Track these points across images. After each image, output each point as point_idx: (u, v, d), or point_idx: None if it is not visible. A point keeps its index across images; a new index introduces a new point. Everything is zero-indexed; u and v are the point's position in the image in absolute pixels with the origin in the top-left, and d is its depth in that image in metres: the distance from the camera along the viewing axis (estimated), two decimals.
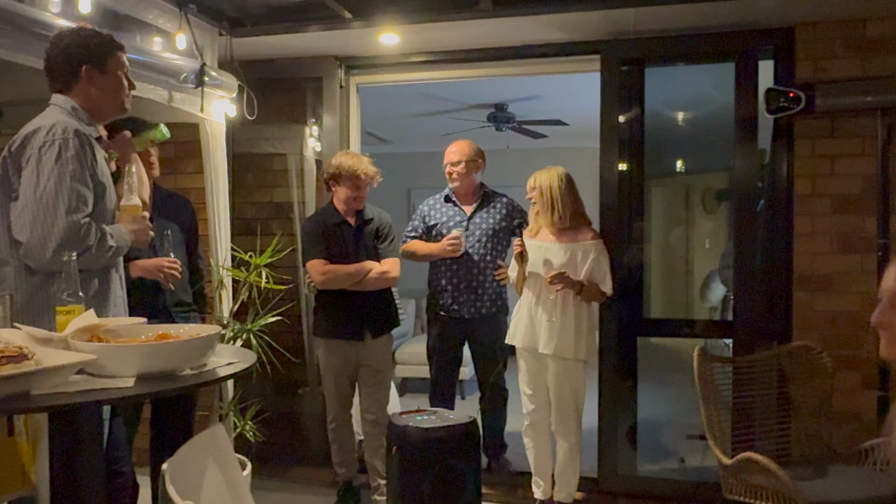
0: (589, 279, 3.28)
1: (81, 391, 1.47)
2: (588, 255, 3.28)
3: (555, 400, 3.35)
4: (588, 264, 3.28)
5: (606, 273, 3.30)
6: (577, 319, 3.28)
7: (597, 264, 3.29)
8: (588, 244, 3.30)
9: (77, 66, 2.08)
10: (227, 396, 3.52)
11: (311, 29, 3.53)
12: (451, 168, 3.78)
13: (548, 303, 3.30)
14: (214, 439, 1.70)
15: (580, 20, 3.41)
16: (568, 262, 3.28)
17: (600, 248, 3.32)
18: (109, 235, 2.06)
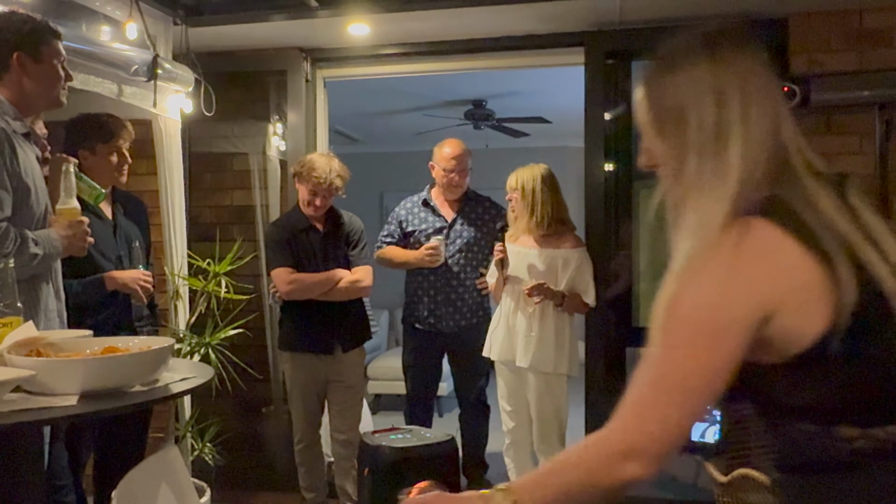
0: (570, 290, 3.27)
1: (18, 411, 1.42)
2: (570, 263, 3.28)
3: (536, 417, 3.33)
4: (570, 274, 3.27)
5: (589, 283, 3.29)
6: (558, 331, 3.27)
7: (579, 274, 3.29)
8: (570, 252, 3.29)
9: (7, 54, 2.03)
10: (183, 416, 3.47)
11: (274, 18, 3.50)
12: (450, 175, 3.69)
13: (526, 313, 3.29)
14: (168, 462, 1.66)
15: (563, 10, 3.42)
16: (548, 270, 3.27)
17: (583, 256, 3.31)
18: (33, 241, 2.00)
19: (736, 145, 1.03)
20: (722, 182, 1.02)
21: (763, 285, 0.96)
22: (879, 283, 0.95)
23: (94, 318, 2.57)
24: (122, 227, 2.93)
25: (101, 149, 2.83)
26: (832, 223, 0.97)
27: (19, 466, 1.58)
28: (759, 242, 0.97)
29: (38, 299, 2.08)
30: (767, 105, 1.05)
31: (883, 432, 0.94)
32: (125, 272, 2.83)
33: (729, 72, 1.06)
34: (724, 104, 1.04)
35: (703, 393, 0.97)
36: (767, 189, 1.01)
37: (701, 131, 1.05)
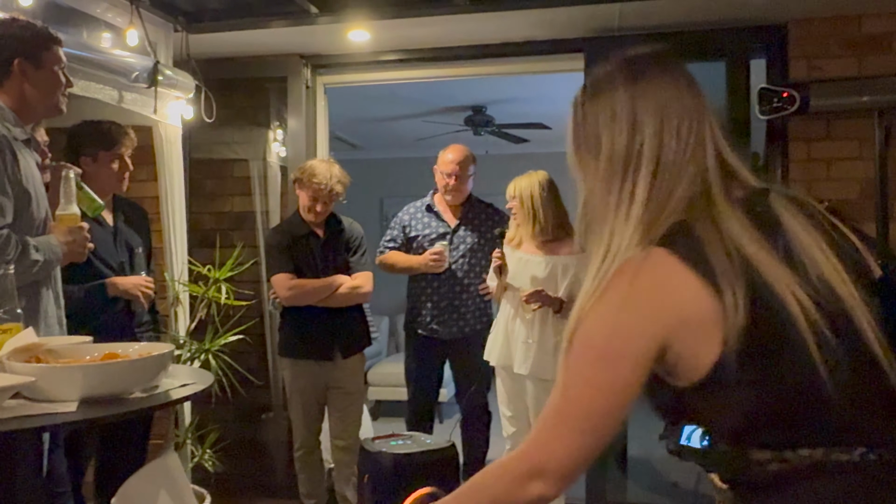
0: (570, 296, 3.27)
1: (18, 417, 1.42)
2: (569, 270, 3.27)
3: (535, 423, 3.32)
4: (568, 280, 3.27)
5: None
6: (558, 337, 3.27)
7: (577, 280, 3.28)
8: (569, 259, 3.29)
9: (8, 60, 2.03)
10: (183, 423, 3.46)
11: (274, 25, 3.51)
12: (448, 179, 3.70)
13: (525, 319, 3.28)
14: (167, 469, 1.66)
15: (562, 17, 3.43)
16: (548, 276, 3.27)
17: (582, 262, 3.31)
18: (34, 248, 2.00)
19: (646, 173, 1.04)
20: (628, 210, 1.04)
21: (654, 316, 0.97)
22: (782, 304, 0.93)
23: (94, 323, 2.57)
24: (122, 234, 2.94)
25: (102, 156, 2.83)
26: (736, 246, 0.96)
27: (18, 473, 1.58)
28: (654, 272, 0.98)
29: (39, 305, 2.08)
30: (686, 130, 1.05)
31: (794, 455, 0.94)
32: (126, 278, 2.83)
33: (645, 98, 1.06)
34: (637, 131, 1.05)
35: (603, 417, 1.00)
36: (681, 215, 1.02)
37: (612, 158, 1.07)
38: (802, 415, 0.94)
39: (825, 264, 0.97)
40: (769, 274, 0.94)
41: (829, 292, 0.96)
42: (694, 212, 1.01)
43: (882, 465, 0.93)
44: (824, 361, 0.92)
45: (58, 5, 2.81)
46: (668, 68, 1.10)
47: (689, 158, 1.05)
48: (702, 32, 3.52)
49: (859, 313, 0.95)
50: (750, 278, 0.94)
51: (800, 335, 0.92)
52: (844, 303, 0.96)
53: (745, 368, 0.94)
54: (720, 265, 0.95)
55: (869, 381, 0.95)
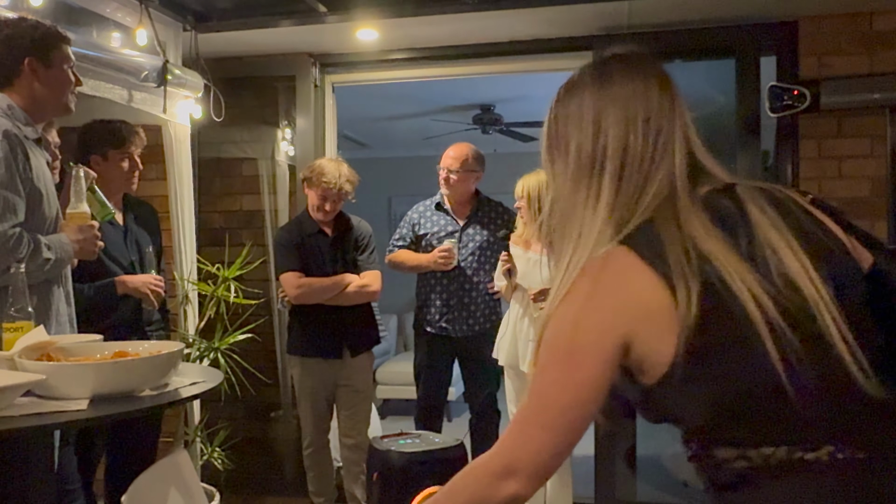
0: None
1: (30, 415, 1.43)
2: None
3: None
4: None
5: None
6: None
7: None
8: None
9: (19, 59, 2.04)
10: (192, 421, 3.47)
11: (283, 24, 3.52)
12: (448, 174, 3.72)
13: (535, 319, 3.28)
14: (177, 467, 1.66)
15: (571, 14, 3.42)
16: None
17: None
18: (46, 246, 2.02)
19: (610, 174, 1.05)
20: (593, 211, 1.05)
21: (616, 312, 0.98)
22: (737, 301, 0.93)
23: (104, 322, 2.59)
24: (133, 233, 2.95)
25: (113, 155, 2.85)
26: (694, 244, 0.96)
27: (30, 470, 1.59)
28: (614, 269, 0.99)
29: (50, 304, 2.09)
30: (653, 131, 1.05)
31: (757, 454, 0.94)
32: (136, 276, 2.85)
33: (609, 99, 1.07)
34: (602, 132, 1.06)
35: (571, 414, 1.00)
36: (648, 214, 1.03)
37: (578, 161, 1.08)
38: (761, 413, 0.94)
39: (790, 260, 0.96)
40: (726, 271, 0.94)
41: (791, 289, 0.94)
42: (659, 212, 1.02)
43: (850, 465, 0.92)
44: (781, 359, 0.91)
45: (68, 5, 2.82)
46: (636, 69, 1.10)
47: (658, 159, 1.05)
48: (711, 30, 3.51)
49: (823, 310, 0.93)
50: (706, 275, 0.94)
51: (755, 332, 0.92)
52: (807, 300, 0.94)
53: (701, 365, 0.94)
54: (675, 262, 0.95)
55: (833, 380, 0.93)
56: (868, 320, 0.98)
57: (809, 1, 3.27)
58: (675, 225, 0.99)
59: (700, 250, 0.96)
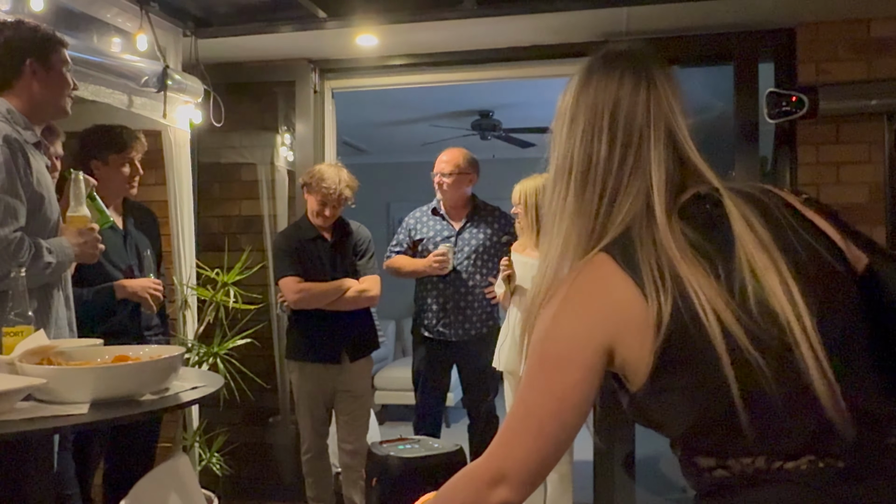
0: None
1: (30, 419, 1.43)
2: None
3: None
4: None
5: None
6: None
7: None
8: None
9: (20, 61, 2.05)
10: (191, 426, 3.47)
11: (282, 29, 3.53)
12: (441, 178, 3.75)
13: None
14: (177, 471, 1.66)
15: (570, 21, 3.43)
16: None
17: None
18: (47, 250, 2.02)
19: (576, 181, 1.04)
20: (567, 216, 1.05)
21: (596, 320, 0.98)
22: (698, 318, 0.92)
23: (103, 326, 2.59)
24: (132, 237, 2.95)
25: (113, 160, 2.85)
26: (668, 257, 0.95)
27: (30, 474, 1.59)
28: (596, 277, 0.99)
29: (50, 307, 2.10)
30: (623, 135, 1.03)
31: (736, 463, 0.94)
32: (135, 280, 2.85)
33: (584, 102, 1.05)
34: (573, 136, 1.05)
35: (556, 421, 1.00)
36: (626, 222, 1.01)
37: (555, 163, 1.07)
38: (735, 426, 0.92)
39: (774, 284, 0.93)
40: (697, 298, 0.92)
41: (768, 317, 0.92)
42: (637, 222, 1.01)
43: (829, 474, 0.91)
44: (743, 390, 0.90)
45: (69, 10, 2.83)
46: (616, 68, 1.06)
47: (628, 166, 1.03)
48: (710, 36, 3.52)
49: (795, 325, 0.91)
50: (676, 298, 0.93)
51: (712, 349, 0.91)
52: (784, 329, 0.91)
53: (673, 378, 0.94)
54: (648, 274, 0.94)
55: (807, 406, 0.91)
56: (860, 342, 0.96)
57: (807, 8, 3.29)
58: (651, 241, 0.98)
59: (675, 272, 0.94)
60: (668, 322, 0.92)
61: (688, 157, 1.05)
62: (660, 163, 1.03)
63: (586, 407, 1.00)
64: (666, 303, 0.93)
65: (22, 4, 2.49)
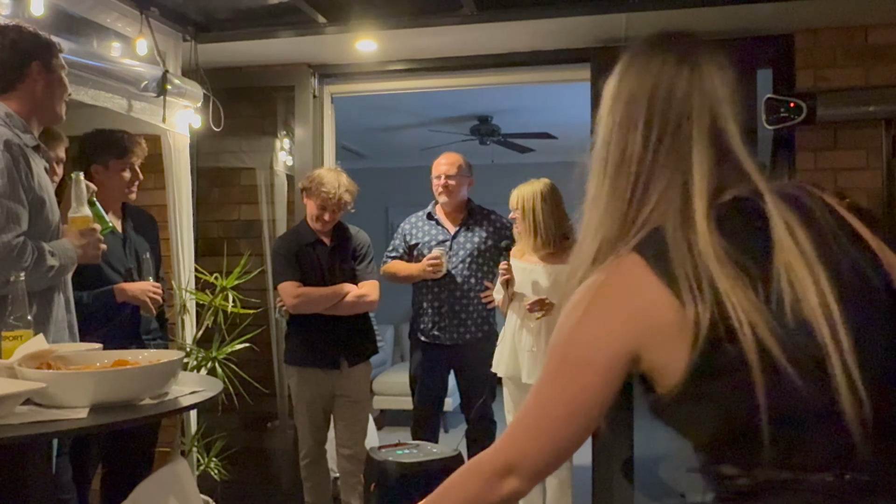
0: None
1: (29, 423, 1.43)
2: None
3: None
4: None
5: None
6: None
7: None
8: None
9: (26, 63, 2.06)
10: (189, 430, 3.46)
11: (282, 34, 3.53)
12: (446, 181, 3.75)
13: (532, 329, 3.28)
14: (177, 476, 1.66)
15: (569, 27, 3.44)
16: (552, 285, 3.28)
17: None
18: (50, 253, 2.03)
19: (611, 173, 1.01)
20: (601, 210, 1.01)
21: (622, 324, 0.95)
22: (733, 328, 0.89)
23: (102, 330, 2.59)
24: (131, 241, 2.96)
25: (114, 164, 2.86)
26: (704, 263, 0.91)
27: (29, 479, 1.58)
28: (625, 279, 0.96)
29: (50, 310, 2.10)
30: (660, 121, 0.99)
31: (762, 473, 0.93)
32: (135, 284, 2.85)
33: (623, 87, 1.02)
34: (610, 122, 1.02)
35: (570, 421, 0.99)
36: (660, 220, 0.97)
37: (594, 153, 1.04)
38: (759, 437, 0.90)
39: (811, 295, 0.90)
40: (729, 299, 0.90)
41: (803, 331, 0.89)
42: (671, 221, 0.96)
43: (854, 486, 0.90)
44: (771, 406, 0.88)
45: (69, 15, 2.83)
46: (659, 52, 1.02)
47: (663, 153, 0.98)
48: (708, 42, 3.53)
49: (830, 342, 0.88)
50: (714, 310, 0.90)
51: (746, 363, 0.89)
52: (814, 331, 0.89)
53: (703, 386, 0.92)
54: (684, 281, 0.91)
55: (832, 408, 0.89)
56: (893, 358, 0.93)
57: (805, 15, 3.30)
58: (686, 245, 0.93)
59: (712, 281, 0.91)
60: (706, 333, 0.90)
61: (732, 151, 0.99)
62: (702, 159, 0.98)
63: (603, 408, 0.99)
64: (704, 312, 0.90)
65: (22, 9, 2.50)
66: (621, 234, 0.99)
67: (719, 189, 0.98)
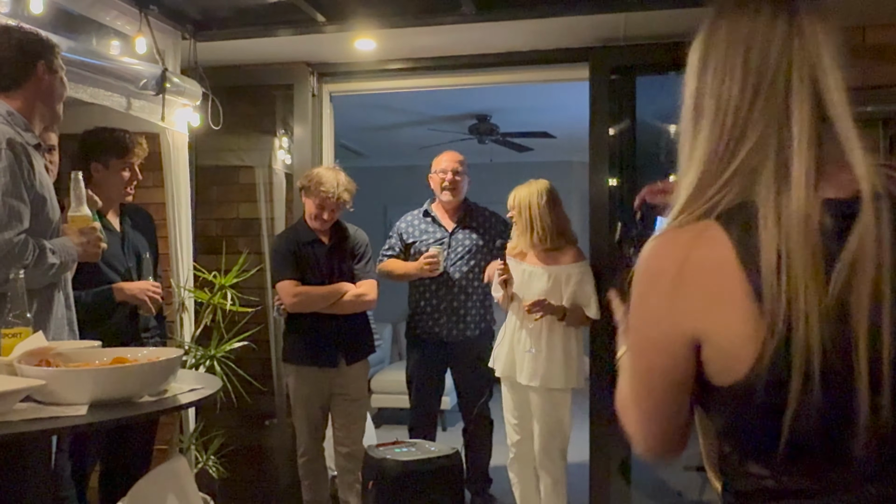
0: (573, 303, 3.28)
1: (28, 420, 1.43)
2: (571, 278, 3.29)
3: (538, 433, 3.33)
4: (571, 288, 3.28)
5: (591, 297, 3.29)
6: (566, 346, 3.28)
7: (580, 288, 3.29)
8: (570, 267, 3.30)
9: (33, 62, 2.08)
10: (187, 428, 3.46)
11: (281, 33, 3.54)
12: (453, 176, 3.76)
13: (532, 330, 3.29)
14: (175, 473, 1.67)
15: (568, 26, 3.45)
16: (552, 286, 3.29)
17: (584, 269, 3.32)
18: (51, 251, 2.05)
19: (707, 122, 0.93)
20: (687, 166, 0.95)
21: (689, 312, 0.90)
22: (794, 334, 0.84)
23: (101, 329, 2.59)
24: (130, 239, 2.96)
25: (114, 164, 2.87)
26: (788, 250, 0.84)
27: (28, 476, 1.59)
28: (705, 262, 0.88)
29: (51, 308, 2.12)
30: (755, 76, 0.90)
31: (790, 480, 0.90)
32: (134, 283, 2.85)
33: (714, 38, 0.95)
34: (702, 74, 0.95)
35: (652, 399, 0.97)
36: (749, 191, 0.89)
37: (685, 107, 0.97)
38: (799, 447, 0.88)
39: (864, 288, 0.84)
40: (798, 297, 0.84)
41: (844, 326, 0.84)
42: (764, 185, 0.88)
43: (878, 499, 0.88)
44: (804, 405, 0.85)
45: (68, 12, 2.84)
46: (752, 2, 0.94)
47: (759, 107, 0.90)
48: None
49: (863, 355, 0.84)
50: (786, 298, 0.84)
51: (790, 374, 0.85)
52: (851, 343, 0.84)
53: (756, 393, 0.88)
54: (768, 275, 0.84)
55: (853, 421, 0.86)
56: None
57: None
58: (776, 220, 0.85)
59: (791, 269, 0.84)
60: (775, 344, 0.84)
61: (832, 122, 0.89)
62: (802, 119, 0.89)
63: (683, 384, 0.94)
64: (777, 307, 0.84)
65: (21, 7, 2.50)
66: (713, 180, 0.91)
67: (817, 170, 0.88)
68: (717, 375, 0.92)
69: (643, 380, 0.98)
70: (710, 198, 0.91)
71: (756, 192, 0.88)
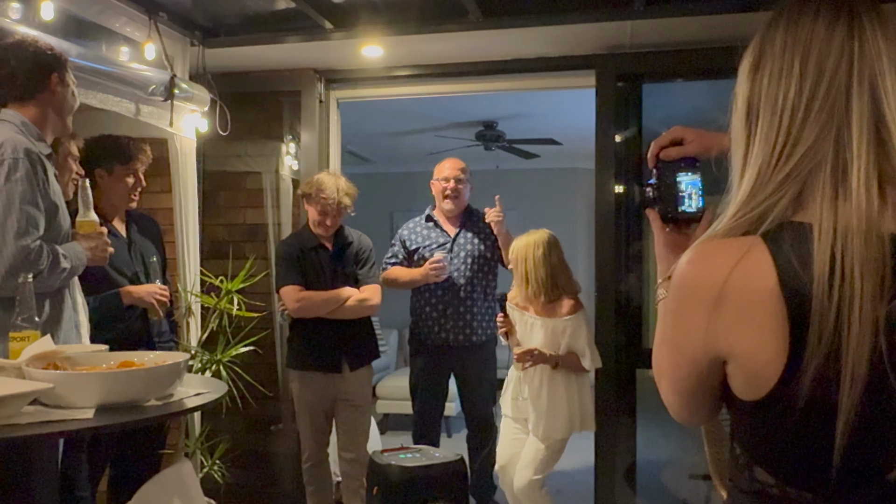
0: (569, 351, 3.27)
1: (36, 423, 1.44)
2: (567, 330, 3.26)
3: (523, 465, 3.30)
4: (566, 340, 3.26)
5: (585, 347, 3.24)
6: (568, 393, 3.24)
7: (574, 339, 3.24)
8: (565, 320, 3.25)
9: (48, 74, 2.13)
10: (193, 433, 3.47)
11: (289, 40, 3.56)
12: (456, 184, 3.77)
13: (534, 379, 3.27)
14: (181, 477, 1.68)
15: (574, 33, 3.46)
16: (550, 337, 3.25)
17: (577, 321, 3.25)
18: (63, 256, 2.10)
19: (762, 127, 0.92)
20: (743, 168, 0.93)
21: (729, 336, 0.89)
22: (858, 342, 0.82)
23: (111, 333, 2.61)
24: (136, 244, 2.98)
25: (118, 170, 2.89)
26: (843, 273, 0.82)
27: (35, 478, 1.60)
28: (748, 286, 0.86)
29: (62, 312, 2.16)
30: (824, 82, 0.88)
31: (796, 494, 0.90)
32: (141, 286, 2.87)
33: (771, 38, 0.94)
34: (758, 76, 0.94)
35: (681, 390, 0.99)
36: (803, 192, 0.87)
37: (737, 109, 0.96)
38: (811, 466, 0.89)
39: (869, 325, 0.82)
40: (853, 302, 0.81)
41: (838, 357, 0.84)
42: (816, 193, 0.86)
43: None
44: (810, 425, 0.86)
45: (78, 19, 2.86)
46: (812, 4, 0.93)
47: (815, 109, 0.88)
48: (713, 49, 3.54)
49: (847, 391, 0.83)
50: (831, 363, 0.82)
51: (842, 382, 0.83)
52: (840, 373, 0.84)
53: (774, 414, 0.89)
54: (820, 281, 0.82)
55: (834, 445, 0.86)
56: None
57: None
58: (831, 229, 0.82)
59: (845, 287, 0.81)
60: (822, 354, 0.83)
61: (891, 134, 0.87)
62: (861, 122, 0.87)
63: (710, 387, 0.96)
64: (826, 335, 0.81)
65: (32, 13, 2.53)
66: (766, 183, 0.90)
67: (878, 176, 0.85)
68: (738, 389, 0.92)
69: (673, 374, 0.99)
70: (762, 201, 0.89)
71: (811, 195, 0.87)
